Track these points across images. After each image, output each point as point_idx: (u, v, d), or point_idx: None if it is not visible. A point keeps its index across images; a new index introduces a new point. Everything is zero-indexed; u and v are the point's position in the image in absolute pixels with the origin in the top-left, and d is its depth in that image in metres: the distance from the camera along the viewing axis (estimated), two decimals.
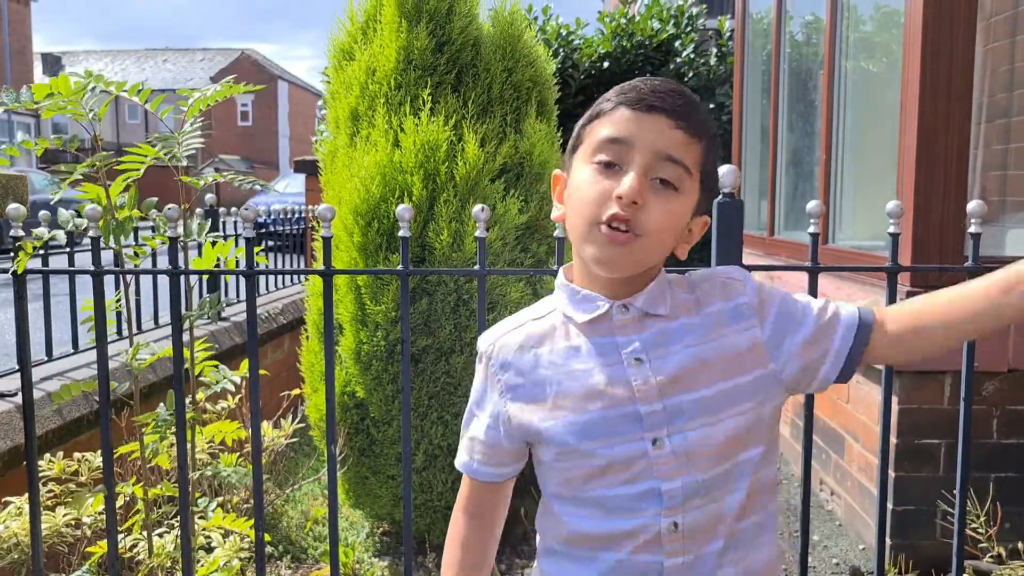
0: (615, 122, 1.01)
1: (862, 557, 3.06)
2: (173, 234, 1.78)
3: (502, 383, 1.09)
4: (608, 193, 0.99)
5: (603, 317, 1.05)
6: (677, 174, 1.00)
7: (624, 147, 1.00)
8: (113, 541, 1.84)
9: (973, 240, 1.73)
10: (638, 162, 0.99)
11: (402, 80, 2.80)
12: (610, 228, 0.98)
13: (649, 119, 1.00)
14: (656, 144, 0.99)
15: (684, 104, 1.01)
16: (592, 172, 1.02)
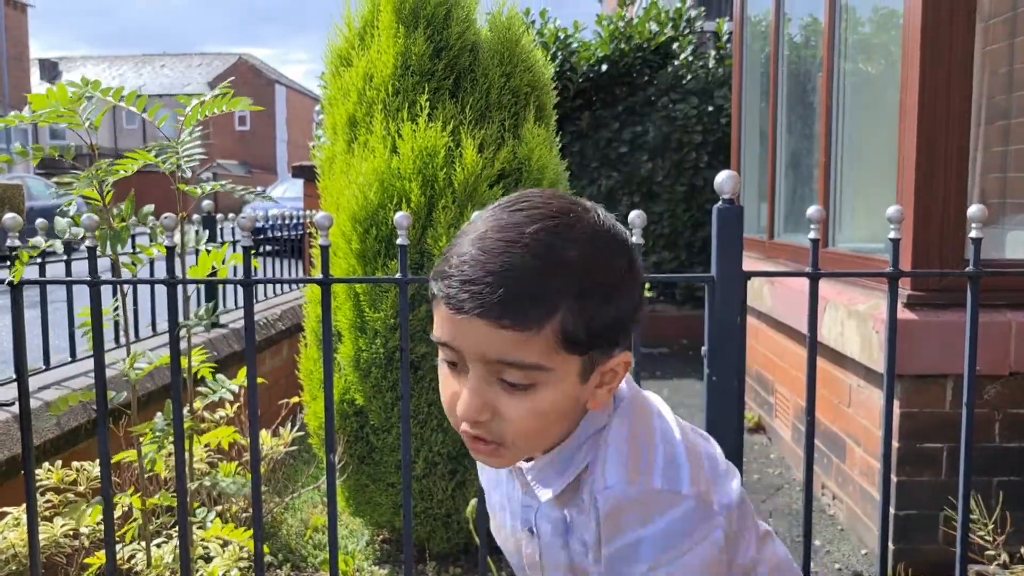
0: (440, 320, 0.86)
1: (864, 562, 3.05)
2: (170, 243, 1.77)
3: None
4: (457, 400, 0.87)
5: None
6: (524, 375, 0.83)
7: (455, 352, 0.85)
8: (111, 552, 1.83)
9: (974, 245, 1.72)
10: (473, 372, 0.84)
11: (400, 86, 2.79)
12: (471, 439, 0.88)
13: (465, 323, 0.82)
14: (483, 352, 0.82)
15: (508, 290, 0.80)
16: (444, 366, 0.89)
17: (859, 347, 3.04)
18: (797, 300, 3.57)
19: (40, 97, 1.79)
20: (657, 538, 0.85)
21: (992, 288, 2.71)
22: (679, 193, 7.13)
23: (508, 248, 0.81)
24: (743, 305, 1.68)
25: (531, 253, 0.81)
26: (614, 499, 0.87)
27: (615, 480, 0.87)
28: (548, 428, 0.88)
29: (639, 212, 1.73)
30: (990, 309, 2.75)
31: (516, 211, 0.85)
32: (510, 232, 0.82)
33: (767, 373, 4.55)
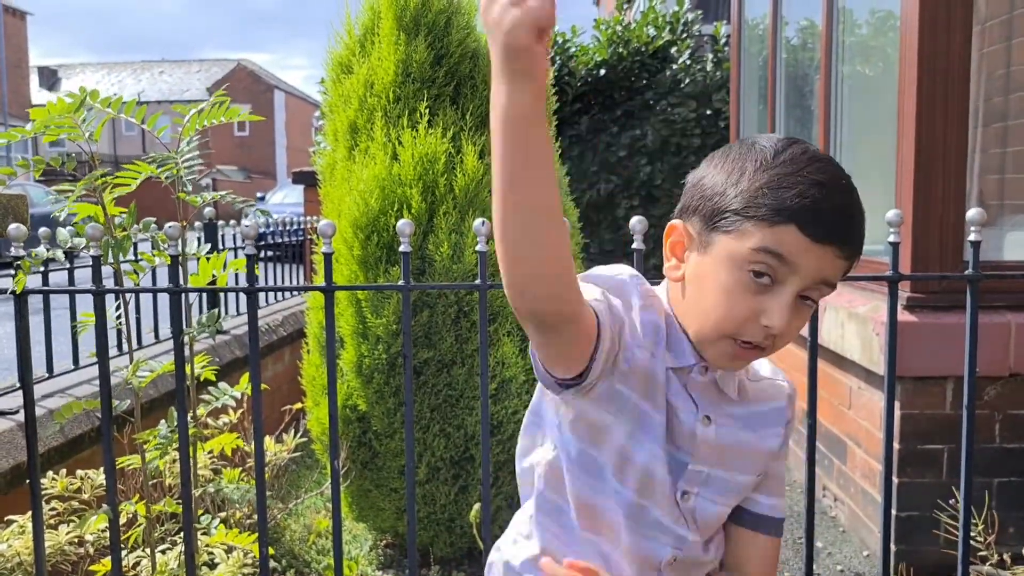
0: (782, 241, 0.92)
1: (866, 564, 3.06)
2: (174, 252, 1.79)
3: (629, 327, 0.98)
4: (754, 314, 0.94)
5: (683, 369, 1.02)
6: (822, 293, 0.97)
7: (783, 267, 0.93)
8: (117, 558, 1.84)
9: (973, 248, 1.73)
10: (795, 285, 0.94)
11: (400, 93, 2.80)
12: (742, 345, 0.96)
13: (820, 249, 0.93)
14: (820, 273, 0.94)
15: (856, 229, 0.96)
16: (739, 282, 0.94)
17: (859, 349, 3.05)
18: None
19: (41, 111, 1.80)
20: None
21: (991, 289, 2.72)
22: (678, 196, 7.12)
23: (848, 193, 0.97)
24: None
25: (858, 201, 0.98)
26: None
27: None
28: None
29: (640, 218, 1.74)
30: (989, 310, 2.76)
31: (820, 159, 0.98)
32: (838, 172, 0.98)
33: None
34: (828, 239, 0.93)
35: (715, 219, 0.98)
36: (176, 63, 51.61)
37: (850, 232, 0.95)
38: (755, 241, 0.93)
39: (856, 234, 0.96)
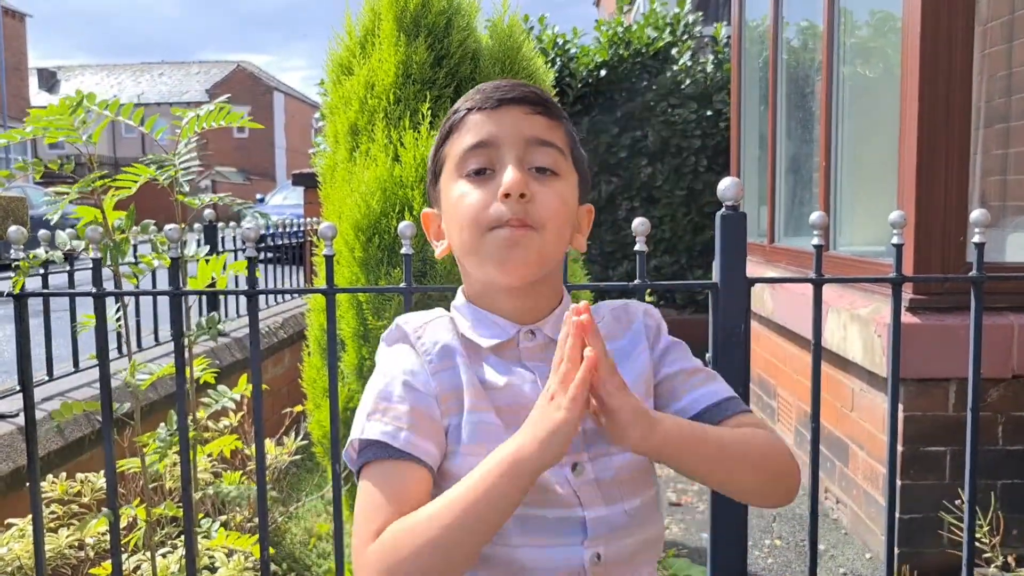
0: (472, 128, 0.97)
1: (869, 566, 3.05)
2: (174, 255, 1.78)
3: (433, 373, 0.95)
4: (490, 197, 0.94)
5: (509, 343, 0.98)
6: (553, 158, 0.96)
7: (490, 148, 0.95)
8: (117, 562, 1.83)
9: (978, 250, 1.73)
10: (511, 155, 0.94)
11: (401, 94, 2.79)
12: (504, 228, 0.92)
13: (505, 113, 0.96)
14: (522, 132, 0.95)
15: (534, 91, 0.99)
16: (465, 183, 0.96)
17: (861, 351, 3.04)
18: (799, 304, 3.57)
19: (39, 113, 1.79)
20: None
21: (993, 291, 2.71)
22: (679, 197, 7.14)
23: (522, 81, 1.01)
24: (747, 312, 1.68)
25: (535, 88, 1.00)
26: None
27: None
28: (563, 228, 0.97)
29: (642, 219, 1.73)
30: (992, 312, 2.75)
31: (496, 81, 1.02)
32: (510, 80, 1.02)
33: (769, 377, 4.55)
34: (504, 102, 0.96)
35: (435, 173, 1.03)
36: (175, 65, 51.60)
37: (527, 91, 0.97)
38: (456, 148, 0.98)
39: (538, 95, 0.98)
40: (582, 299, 2.76)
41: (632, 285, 1.72)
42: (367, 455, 0.91)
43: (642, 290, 1.74)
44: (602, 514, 0.93)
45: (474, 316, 1.00)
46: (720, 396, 1.01)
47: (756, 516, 3.54)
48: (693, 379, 1.03)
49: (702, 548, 3.17)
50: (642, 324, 1.05)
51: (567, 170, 0.98)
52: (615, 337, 1.03)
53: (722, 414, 1.00)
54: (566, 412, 0.82)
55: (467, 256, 0.98)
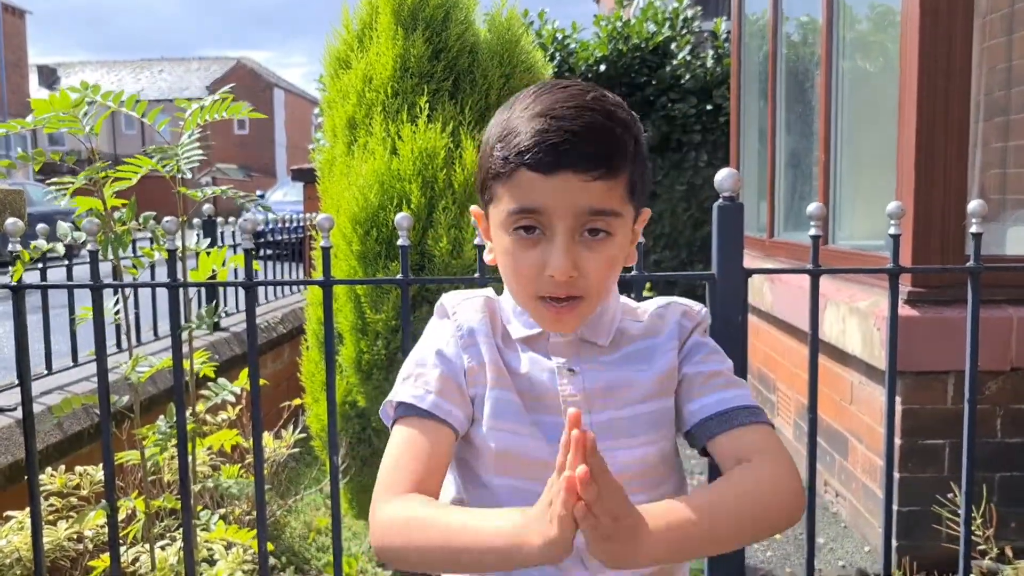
0: (520, 190, 0.90)
1: (868, 559, 3.05)
2: (172, 246, 1.78)
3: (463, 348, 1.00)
4: (539, 267, 0.91)
5: (540, 336, 1.00)
6: (607, 223, 0.91)
7: (540, 216, 0.90)
8: (115, 555, 1.83)
9: (975, 240, 1.72)
10: (561, 229, 0.90)
11: (399, 88, 2.79)
12: (551, 301, 0.92)
13: (557, 181, 0.88)
14: (576, 205, 0.89)
15: (595, 141, 0.88)
16: (513, 242, 0.93)
17: (860, 344, 3.04)
18: (797, 297, 3.57)
19: (42, 103, 1.79)
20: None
21: (992, 283, 2.71)
22: (678, 192, 7.13)
23: (580, 112, 0.89)
24: (744, 302, 1.68)
25: (602, 114, 0.90)
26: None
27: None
28: (612, 278, 0.96)
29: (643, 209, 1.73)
30: (991, 305, 2.75)
31: (560, 89, 0.93)
32: (571, 101, 0.90)
33: (768, 371, 4.55)
34: (558, 167, 0.87)
35: (483, 192, 0.98)
36: (175, 61, 51.56)
37: (588, 148, 0.88)
38: (506, 202, 0.92)
39: (594, 146, 0.88)
40: None
41: (630, 277, 1.72)
42: (399, 412, 0.98)
43: (640, 282, 1.74)
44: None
45: (515, 309, 1.02)
46: (729, 404, 0.99)
47: None
48: (710, 382, 1.00)
49: None
50: (677, 324, 1.03)
51: (623, 220, 0.93)
52: (652, 335, 1.03)
53: (726, 425, 0.97)
54: (557, 532, 0.77)
55: (514, 296, 1.00)
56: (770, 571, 3.01)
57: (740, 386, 1.01)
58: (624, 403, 0.98)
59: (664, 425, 1.01)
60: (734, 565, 1.84)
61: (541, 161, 0.88)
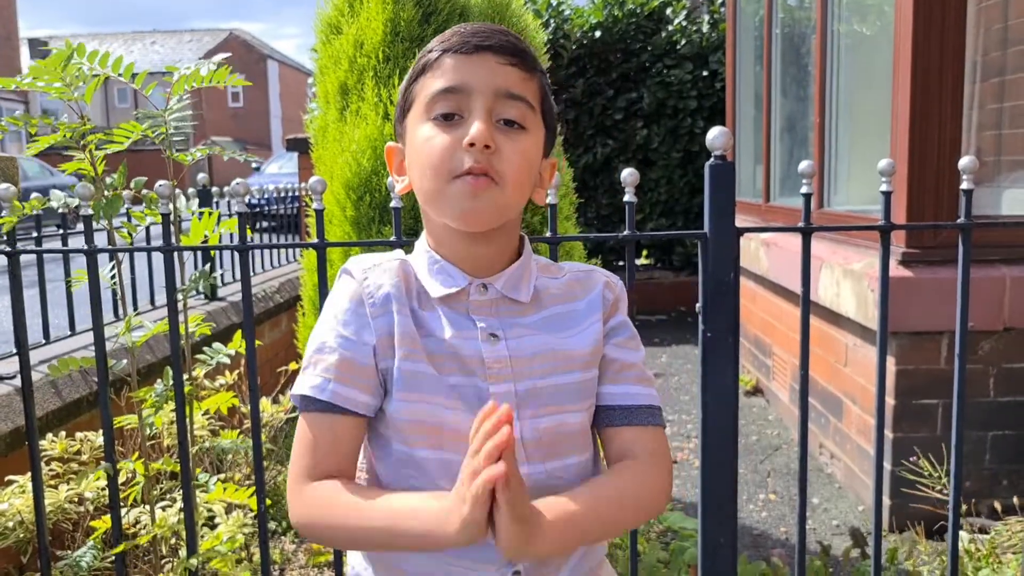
0: (445, 72, 0.96)
1: (862, 518, 3.09)
2: (165, 211, 1.78)
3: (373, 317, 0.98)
4: (456, 144, 0.93)
5: (459, 294, 0.99)
6: (521, 112, 0.96)
7: (461, 95, 0.95)
8: (116, 516, 1.85)
9: (966, 196, 1.73)
10: (480, 105, 0.94)
11: (390, 52, 2.77)
12: (468, 176, 0.93)
13: (479, 60, 0.95)
14: (494, 83, 0.95)
15: (511, 41, 0.97)
16: (432, 127, 0.96)
17: (855, 306, 3.06)
18: (793, 262, 3.58)
19: (37, 67, 1.79)
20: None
21: (986, 243, 2.72)
22: (675, 159, 7.11)
23: (502, 29, 0.99)
24: (736, 261, 1.68)
25: (513, 34, 0.99)
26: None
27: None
28: (525, 182, 0.98)
29: (631, 170, 1.73)
30: (984, 264, 2.76)
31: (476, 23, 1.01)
32: (490, 24, 1.00)
33: (765, 336, 4.57)
34: (479, 48, 0.95)
35: (403, 109, 1.02)
36: (167, 33, 51.08)
37: (505, 40, 0.97)
38: (428, 89, 0.97)
39: (516, 45, 0.97)
40: (574, 253, 2.76)
41: (621, 236, 1.73)
42: (302, 405, 0.99)
43: (631, 241, 1.74)
44: (522, 471, 0.90)
45: (431, 262, 1.01)
46: (635, 401, 1.03)
47: (751, 472, 3.58)
48: (624, 373, 1.04)
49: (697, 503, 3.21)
50: (600, 295, 1.04)
51: (535, 124, 0.98)
52: (571, 299, 1.04)
53: (626, 420, 1.02)
54: (469, 512, 0.81)
55: (428, 202, 0.99)
56: (765, 531, 3.05)
57: (648, 383, 1.05)
58: (548, 372, 0.99)
59: (587, 396, 1.02)
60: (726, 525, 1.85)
61: (463, 45, 0.96)
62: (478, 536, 0.82)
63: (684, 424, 4.30)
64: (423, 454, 0.97)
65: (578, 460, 1.01)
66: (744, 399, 4.61)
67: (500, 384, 0.97)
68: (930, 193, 2.84)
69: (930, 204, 2.84)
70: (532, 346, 0.99)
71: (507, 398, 0.95)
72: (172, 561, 2.10)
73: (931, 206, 2.84)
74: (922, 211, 2.84)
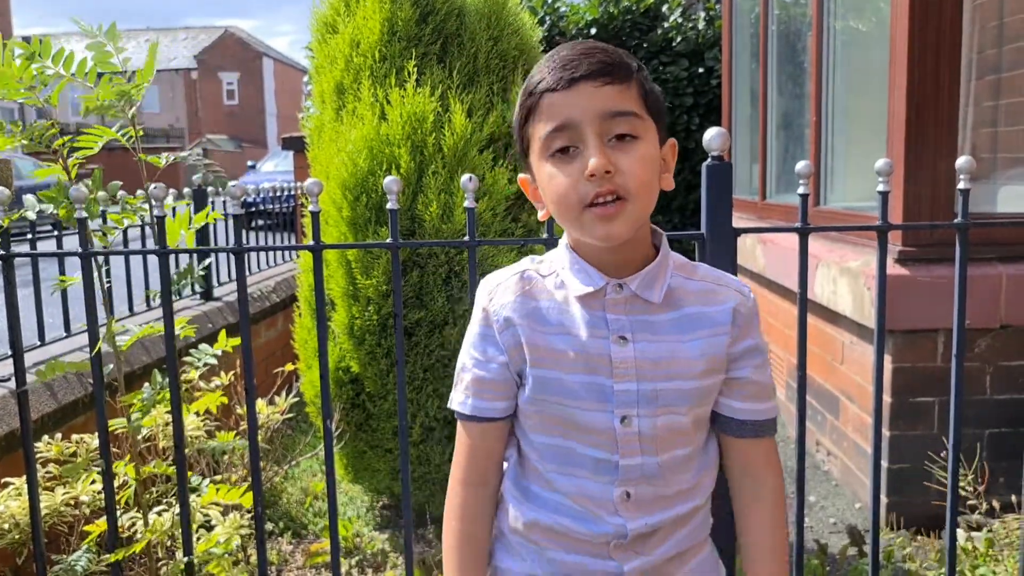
0: (548, 111, 1.02)
1: (858, 516, 3.09)
2: (160, 213, 1.77)
3: (499, 333, 1.10)
4: (578, 179, 1.00)
5: (597, 293, 1.07)
6: (630, 124, 1.01)
7: (571, 130, 1.01)
8: (112, 519, 1.85)
9: (962, 196, 1.73)
10: (590, 133, 1.00)
11: (387, 52, 2.77)
12: (597, 206, 1.00)
13: (577, 92, 1.01)
14: (596, 110, 1.00)
15: (601, 60, 1.02)
16: (553, 166, 1.03)
17: (851, 304, 3.06)
18: (789, 259, 3.58)
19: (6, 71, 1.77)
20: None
21: (983, 241, 2.72)
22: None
23: (583, 46, 1.05)
24: (734, 262, 1.68)
25: (601, 47, 1.05)
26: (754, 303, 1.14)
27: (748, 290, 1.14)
28: (653, 183, 1.04)
29: None
30: (981, 262, 2.77)
31: (566, 46, 1.06)
32: (577, 47, 1.05)
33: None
34: (574, 80, 1.01)
35: (524, 154, 1.10)
36: (162, 31, 50.88)
37: (594, 62, 1.01)
38: (539, 132, 1.04)
39: (605, 61, 1.02)
40: None
41: None
42: (457, 415, 1.16)
43: None
44: (636, 462, 1.07)
45: (572, 261, 1.10)
46: (757, 417, 1.14)
47: None
48: (751, 390, 1.13)
49: None
50: (731, 311, 1.10)
51: (644, 128, 1.03)
52: (705, 304, 1.10)
53: (747, 433, 1.14)
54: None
55: (568, 228, 1.08)
56: None
57: (770, 399, 1.15)
58: (669, 377, 1.07)
59: (706, 398, 1.11)
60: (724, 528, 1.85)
61: (559, 81, 1.01)
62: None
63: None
64: (541, 439, 1.11)
65: (686, 452, 1.11)
66: None
67: (623, 383, 1.06)
68: (926, 191, 2.84)
69: (926, 202, 2.84)
70: (657, 352, 1.07)
71: (629, 396, 1.06)
72: (168, 564, 2.09)
73: (927, 204, 2.84)
74: (918, 209, 2.84)
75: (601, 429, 1.07)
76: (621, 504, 1.08)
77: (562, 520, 1.10)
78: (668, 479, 1.09)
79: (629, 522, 1.08)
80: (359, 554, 2.80)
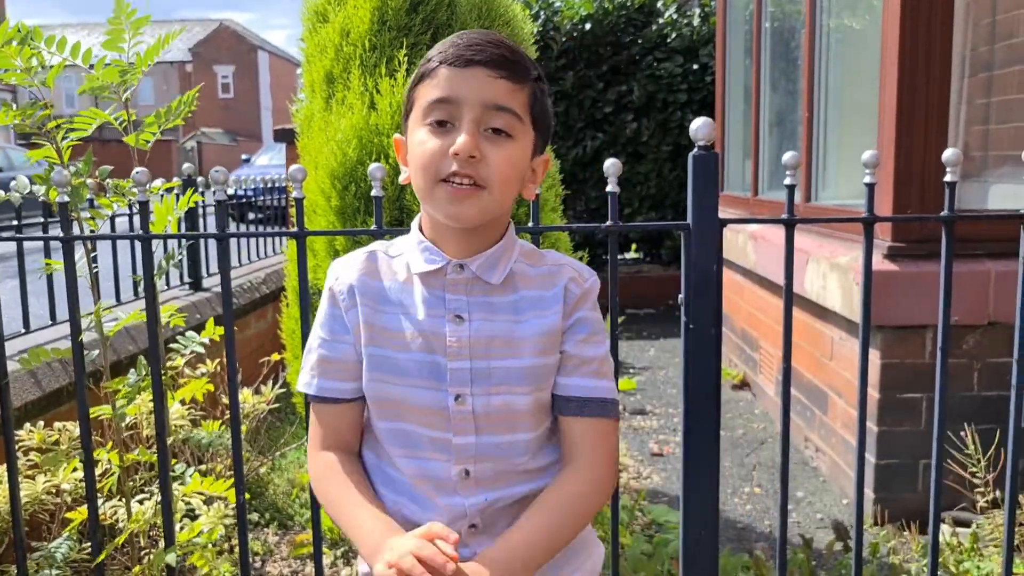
0: (439, 83, 1.05)
1: (846, 511, 3.09)
2: (143, 199, 1.76)
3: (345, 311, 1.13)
4: (444, 150, 1.03)
5: (438, 272, 1.10)
6: (508, 121, 1.05)
7: (452, 105, 1.04)
8: (93, 507, 1.83)
9: (948, 190, 1.73)
10: (468, 117, 1.03)
11: (377, 41, 2.75)
12: (452, 184, 1.03)
13: (471, 73, 1.04)
14: (482, 96, 1.03)
15: (503, 53, 1.05)
16: (426, 132, 1.06)
17: (840, 300, 3.05)
18: (780, 255, 3.56)
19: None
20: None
21: (972, 237, 2.72)
22: (664, 153, 7.10)
23: (490, 36, 1.07)
24: (719, 252, 1.67)
25: (508, 45, 1.07)
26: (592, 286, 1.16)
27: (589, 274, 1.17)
28: (511, 184, 1.07)
29: (614, 160, 1.72)
30: (969, 259, 2.76)
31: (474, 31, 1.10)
32: (485, 35, 1.08)
33: (752, 330, 4.57)
34: (471, 63, 1.04)
35: (407, 109, 1.12)
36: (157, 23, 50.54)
37: (496, 54, 1.04)
38: (424, 97, 1.06)
39: (507, 58, 1.05)
40: (559, 245, 2.74)
41: (604, 227, 1.71)
42: (306, 394, 1.19)
43: (614, 233, 1.73)
44: (470, 440, 1.09)
45: (419, 242, 1.13)
46: (590, 394, 1.13)
47: (737, 465, 3.58)
48: (583, 367, 1.13)
49: None
50: (563, 288, 1.13)
51: (522, 131, 1.07)
52: (543, 287, 1.13)
53: (579, 411, 1.13)
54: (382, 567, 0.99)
55: (420, 198, 1.10)
56: (749, 524, 3.05)
57: (606, 376, 1.15)
58: (502, 355, 1.09)
59: (541, 379, 1.12)
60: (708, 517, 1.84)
61: (458, 59, 1.04)
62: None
63: (671, 418, 4.29)
64: (381, 425, 1.13)
65: (530, 436, 1.12)
66: (731, 393, 4.61)
67: (457, 362, 1.08)
68: (916, 187, 2.84)
69: (916, 198, 2.84)
70: (492, 330, 1.09)
71: (463, 374, 1.08)
72: (151, 553, 2.08)
73: (917, 200, 2.84)
74: (908, 205, 2.84)
75: (435, 408, 1.08)
76: (460, 482, 1.10)
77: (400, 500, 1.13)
78: (513, 460, 1.11)
79: (467, 499, 1.10)
80: (344, 545, 2.79)
